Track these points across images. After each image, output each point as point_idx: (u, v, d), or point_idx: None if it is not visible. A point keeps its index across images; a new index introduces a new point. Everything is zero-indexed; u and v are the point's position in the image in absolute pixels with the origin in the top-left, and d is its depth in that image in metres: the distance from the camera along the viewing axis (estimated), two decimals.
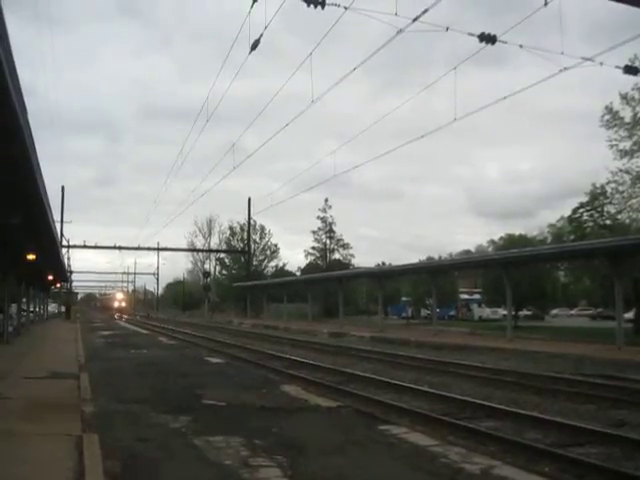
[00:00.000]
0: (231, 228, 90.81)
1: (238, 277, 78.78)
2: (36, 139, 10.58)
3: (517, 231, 51.69)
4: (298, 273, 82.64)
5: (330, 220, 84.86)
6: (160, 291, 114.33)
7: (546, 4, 10.41)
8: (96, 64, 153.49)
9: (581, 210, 37.07)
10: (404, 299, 68.77)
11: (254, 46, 12.79)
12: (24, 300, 39.81)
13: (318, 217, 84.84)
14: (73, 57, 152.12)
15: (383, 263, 75.48)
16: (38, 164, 11.94)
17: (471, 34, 12.59)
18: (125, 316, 72.14)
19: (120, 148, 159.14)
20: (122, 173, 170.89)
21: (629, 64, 14.91)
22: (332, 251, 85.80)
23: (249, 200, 71.44)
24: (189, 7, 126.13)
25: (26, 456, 6.52)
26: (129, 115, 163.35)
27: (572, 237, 36.57)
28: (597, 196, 35.76)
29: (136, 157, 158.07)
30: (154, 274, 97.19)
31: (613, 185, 34.31)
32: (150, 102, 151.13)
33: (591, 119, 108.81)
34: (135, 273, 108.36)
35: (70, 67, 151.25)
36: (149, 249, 70.85)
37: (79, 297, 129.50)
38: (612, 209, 35.68)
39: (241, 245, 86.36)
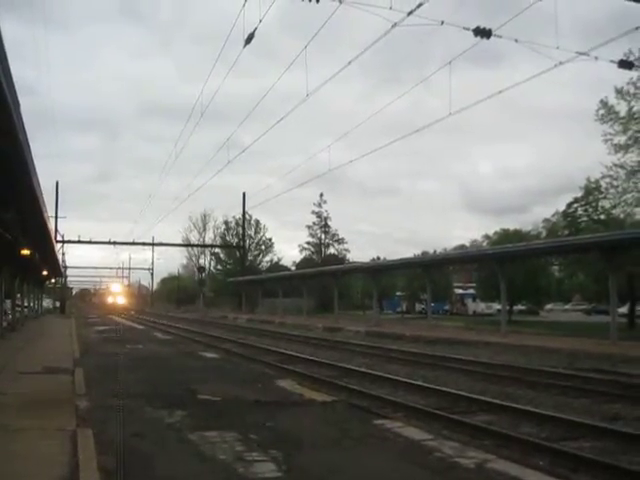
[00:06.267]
0: (226, 223, 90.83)
1: (233, 272, 78.68)
2: (36, 137, 10.56)
3: (512, 226, 51.73)
4: (293, 268, 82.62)
5: (325, 215, 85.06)
6: (155, 286, 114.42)
7: None
8: (96, 64, 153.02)
9: (575, 205, 37.19)
10: (399, 294, 68.91)
11: (249, 39, 12.79)
12: (18, 295, 39.69)
13: (313, 212, 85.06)
14: (74, 57, 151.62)
15: (378, 258, 75.52)
16: (32, 159, 11.88)
17: (466, 28, 12.62)
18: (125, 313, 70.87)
19: (118, 145, 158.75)
20: (120, 170, 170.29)
21: (624, 59, 14.96)
22: (327, 246, 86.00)
23: (244, 195, 71.29)
24: (190, 10, 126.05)
25: (20, 451, 6.50)
26: (128, 113, 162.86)
27: (566, 232, 36.68)
28: (591, 191, 35.87)
29: (134, 154, 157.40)
30: (149, 269, 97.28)
31: (608, 180, 34.43)
32: (149, 101, 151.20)
33: (585, 116, 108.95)
34: (130, 268, 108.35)
35: (71, 67, 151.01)
36: (144, 244, 70.78)
37: (74, 292, 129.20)
38: (607, 204, 35.81)
39: (236, 240, 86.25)
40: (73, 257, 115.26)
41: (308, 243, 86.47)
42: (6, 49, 7.14)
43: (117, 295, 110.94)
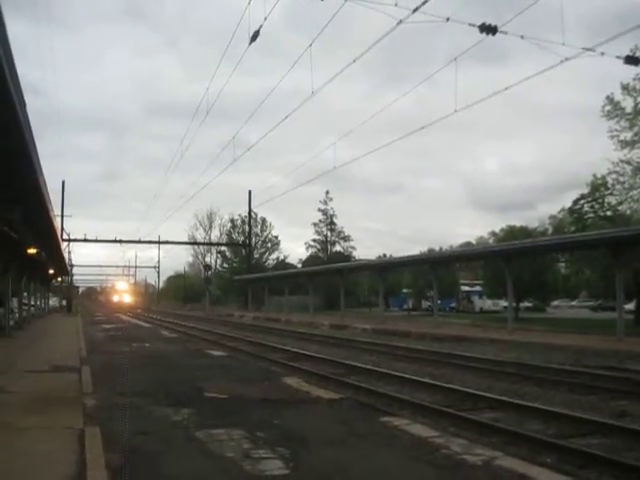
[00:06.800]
0: (232, 221, 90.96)
1: (239, 270, 78.73)
2: (42, 136, 10.59)
3: (517, 223, 51.70)
4: (299, 265, 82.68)
5: (331, 212, 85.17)
6: (161, 284, 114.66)
7: None
8: (102, 64, 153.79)
9: (582, 201, 37.05)
10: (405, 291, 68.85)
11: (254, 37, 12.78)
12: (25, 294, 39.82)
13: (319, 209, 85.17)
14: (79, 57, 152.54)
15: (384, 255, 75.54)
16: (38, 158, 11.91)
17: (472, 25, 12.58)
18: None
19: (124, 144, 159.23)
20: (126, 169, 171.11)
21: (630, 54, 14.88)
22: (333, 243, 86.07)
23: (249, 192, 71.27)
24: (196, 9, 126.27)
25: (27, 449, 6.52)
26: (133, 112, 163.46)
27: (573, 228, 36.56)
28: (598, 187, 35.73)
29: (140, 153, 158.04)
30: (155, 267, 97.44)
31: (614, 176, 34.33)
32: (155, 99, 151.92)
33: (589, 113, 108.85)
34: (136, 266, 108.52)
35: (76, 66, 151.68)
36: (150, 242, 70.81)
37: (80, 291, 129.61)
38: (613, 200, 35.68)
39: (242, 238, 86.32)
40: (79, 256, 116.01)
41: (314, 241, 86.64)
42: (12, 49, 7.16)
43: (123, 293, 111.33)
